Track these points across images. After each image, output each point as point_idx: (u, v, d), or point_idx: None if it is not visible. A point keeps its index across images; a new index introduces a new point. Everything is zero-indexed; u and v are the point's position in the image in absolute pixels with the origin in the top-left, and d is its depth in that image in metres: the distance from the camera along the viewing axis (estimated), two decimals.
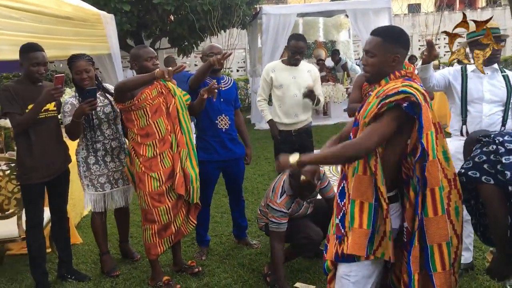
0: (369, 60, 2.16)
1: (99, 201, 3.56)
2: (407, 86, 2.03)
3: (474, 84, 3.10)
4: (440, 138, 2.09)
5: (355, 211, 2.12)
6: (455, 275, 2.15)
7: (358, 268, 2.15)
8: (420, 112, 1.99)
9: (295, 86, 4.12)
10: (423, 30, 13.44)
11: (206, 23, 9.59)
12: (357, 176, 2.13)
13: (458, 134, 3.20)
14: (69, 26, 5.21)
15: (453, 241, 2.11)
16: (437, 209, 2.03)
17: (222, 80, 3.83)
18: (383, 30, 2.19)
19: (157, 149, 3.27)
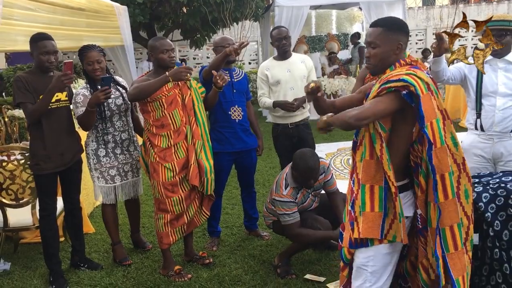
0: (372, 51, 2.18)
1: (110, 193, 3.59)
2: (410, 74, 2.05)
3: (489, 77, 3.06)
4: (448, 124, 2.11)
5: (366, 195, 2.16)
6: (468, 253, 2.18)
7: (375, 258, 2.17)
8: (419, 102, 2.01)
9: (291, 80, 4.04)
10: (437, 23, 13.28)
11: (218, 15, 9.57)
12: (365, 161, 2.18)
13: (473, 128, 3.17)
14: (82, 17, 5.24)
15: (464, 222, 2.14)
16: (448, 193, 2.07)
17: (234, 72, 3.83)
18: (383, 20, 2.22)
19: (171, 140, 3.29)
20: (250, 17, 10.34)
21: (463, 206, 2.14)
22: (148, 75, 3.36)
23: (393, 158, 2.13)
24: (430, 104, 2.03)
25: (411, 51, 15.58)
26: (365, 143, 2.18)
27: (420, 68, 2.15)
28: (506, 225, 2.39)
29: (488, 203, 2.43)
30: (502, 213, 2.41)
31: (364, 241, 2.18)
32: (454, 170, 2.10)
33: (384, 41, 2.14)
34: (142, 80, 3.28)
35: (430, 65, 3.07)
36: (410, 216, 2.21)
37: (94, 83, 3.44)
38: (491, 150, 3.09)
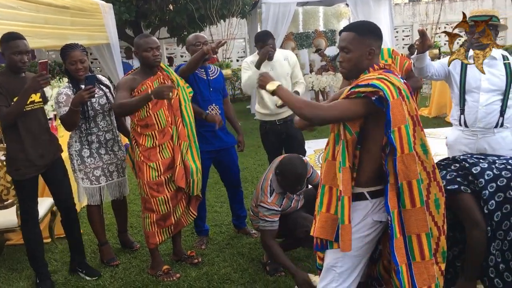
0: (345, 56, 2.17)
1: (95, 194, 3.55)
2: (381, 79, 2.03)
3: (472, 73, 3.08)
4: (418, 130, 2.08)
5: (324, 196, 2.18)
6: (439, 265, 2.17)
7: (344, 259, 2.18)
8: (388, 107, 1.99)
9: (274, 78, 4.00)
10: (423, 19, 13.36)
11: (205, 12, 9.54)
12: (328, 161, 2.19)
13: (457, 124, 3.19)
14: (66, 16, 5.19)
15: (434, 232, 2.13)
16: (415, 201, 2.05)
17: (209, 70, 3.81)
18: (355, 25, 2.21)
19: (156, 140, 3.27)
20: (237, 14, 10.32)
21: (433, 215, 2.12)
22: (134, 74, 3.33)
23: (366, 162, 2.12)
24: (400, 109, 2.01)
25: (398, 47, 15.66)
26: (330, 143, 2.19)
27: (393, 72, 2.14)
28: (500, 207, 2.40)
29: (489, 182, 2.43)
30: (500, 194, 2.41)
31: (324, 243, 2.19)
32: (423, 178, 2.08)
33: (356, 46, 2.13)
34: (126, 81, 3.24)
35: (414, 61, 3.07)
36: (383, 221, 2.18)
37: (77, 82, 3.39)
38: (475, 146, 3.11)
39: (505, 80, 3.02)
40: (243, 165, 6.32)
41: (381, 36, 2.19)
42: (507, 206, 2.41)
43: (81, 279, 3.47)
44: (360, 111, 2.05)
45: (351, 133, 2.10)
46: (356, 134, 2.10)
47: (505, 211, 2.41)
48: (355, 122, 2.09)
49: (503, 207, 2.41)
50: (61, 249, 3.99)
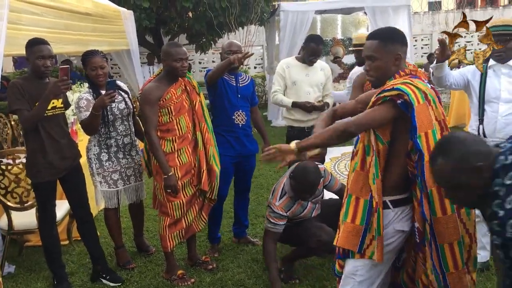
0: (372, 64, 2.16)
1: (112, 198, 3.59)
2: (406, 83, 2.02)
3: (491, 83, 3.06)
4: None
5: (350, 206, 2.15)
6: (470, 274, 2.12)
7: (364, 268, 2.16)
8: (413, 112, 1.98)
9: (307, 84, 4.12)
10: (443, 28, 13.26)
11: (224, 19, 9.58)
12: (356, 172, 2.16)
13: (476, 134, 3.16)
14: (88, 22, 5.28)
15: (465, 240, 2.08)
16: (446, 208, 2.01)
17: (240, 77, 3.84)
18: (379, 33, 2.21)
19: (175, 144, 3.31)
20: (256, 22, 10.36)
21: (464, 223, 2.08)
22: (157, 81, 3.33)
23: (393, 170, 2.10)
24: (427, 114, 2.00)
25: (417, 56, 15.55)
26: (359, 154, 2.17)
27: (419, 77, 2.12)
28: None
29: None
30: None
31: (346, 252, 2.18)
32: None
33: (382, 54, 2.12)
34: (151, 91, 3.24)
35: (433, 70, 3.06)
36: (406, 230, 2.17)
37: (97, 88, 3.46)
38: None
39: None
40: (258, 171, 6.33)
41: (405, 41, 2.18)
42: None
43: (98, 281, 3.50)
44: (387, 115, 2.04)
45: (383, 143, 2.09)
46: (387, 144, 2.09)
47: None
48: (386, 131, 2.08)
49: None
50: (78, 251, 4.05)
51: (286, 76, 4.14)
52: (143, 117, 3.27)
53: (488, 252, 3.38)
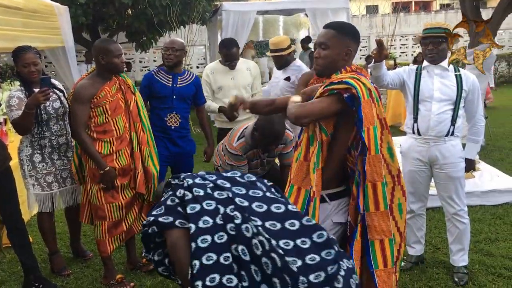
0: (322, 52, 2.18)
1: (46, 201, 3.41)
2: (353, 78, 2.06)
3: (425, 83, 3.18)
4: (386, 134, 2.12)
5: (292, 196, 2.16)
6: (395, 274, 2.16)
7: None
8: (359, 106, 2.01)
9: (233, 87, 4.11)
10: (379, 30, 13.73)
11: (165, 18, 9.42)
12: (299, 162, 2.17)
13: (411, 132, 3.28)
14: (18, 17, 5.00)
15: (396, 239, 2.12)
16: (379, 204, 2.04)
17: (180, 77, 3.75)
18: (337, 24, 2.25)
19: (113, 146, 3.19)
20: (197, 21, 10.26)
21: (396, 220, 2.12)
22: (91, 78, 3.20)
23: (331, 163, 2.13)
24: (370, 110, 2.03)
25: (355, 58, 16.00)
26: (303, 144, 2.18)
27: (364, 75, 2.17)
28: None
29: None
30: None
31: None
32: (388, 181, 2.09)
33: (334, 44, 2.14)
34: (86, 88, 3.12)
35: (371, 70, 3.15)
36: (344, 222, 2.20)
37: (29, 85, 3.28)
38: (427, 153, 3.20)
39: (455, 90, 3.13)
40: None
41: (359, 40, 2.22)
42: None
43: None
44: (333, 108, 2.06)
45: (327, 134, 2.10)
46: (330, 135, 2.11)
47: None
48: (330, 123, 2.10)
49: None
50: (9, 258, 3.83)
51: (211, 82, 4.11)
52: (72, 115, 3.16)
53: (422, 245, 3.51)
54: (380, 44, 2.84)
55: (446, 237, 3.50)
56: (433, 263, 3.52)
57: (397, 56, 15.55)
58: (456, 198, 3.22)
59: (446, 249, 3.57)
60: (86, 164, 3.24)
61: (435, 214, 4.34)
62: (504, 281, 3.22)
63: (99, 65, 3.21)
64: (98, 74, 3.22)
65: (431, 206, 4.12)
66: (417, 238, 3.46)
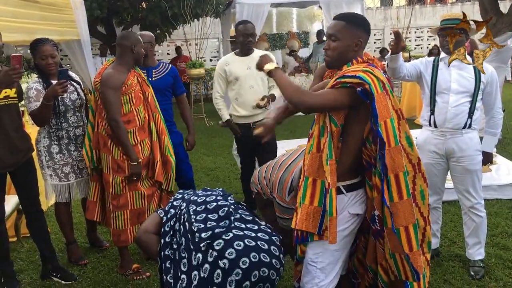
0: (332, 44, 2.17)
1: (63, 192, 3.46)
2: (366, 72, 2.04)
3: (442, 74, 3.15)
4: (403, 124, 2.10)
5: (308, 188, 2.16)
6: (425, 255, 2.19)
7: (324, 254, 2.18)
8: (373, 101, 2.01)
9: (251, 77, 3.95)
10: (394, 23, 13.60)
11: (178, 11, 9.44)
12: (312, 153, 2.16)
13: (427, 125, 3.25)
14: (35, 10, 5.06)
15: (420, 223, 2.15)
16: (402, 193, 2.05)
17: (154, 70, 3.77)
18: (347, 15, 2.22)
19: (137, 137, 3.25)
20: (211, 14, 10.27)
21: (419, 207, 2.14)
22: (116, 68, 3.20)
23: (345, 155, 2.13)
24: (385, 103, 2.03)
25: (369, 50, 15.89)
26: (314, 135, 2.17)
27: (377, 66, 2.15)
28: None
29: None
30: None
31: (304, 236, 2.17)
32: (409, 170, 2.10)
33: (344, 35, 2.13)
34: (119, 77, 3.14)
35: (388, 62, 3.12)
36: (361, 214, 2.22)
37: (47, 77, 3.31)
38: (443, 146, 3.18)
39: (474, 82, 3.09)
40: (215, 164, 6.30)
41: (369, 31, 2.20)
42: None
43: (48, 278, 3.38)
44: (345, 100, 2.05)
45: (336, 125, 2.09)
46: (341, 126, 2.10)
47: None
48: (340, 114, 2.09)
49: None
50: (27, 248, 3.89)
51: (227, 75, 3.98)
52: (106, 103, 3.13)
53: (438, 239, 3.49)
54: (398, 35, 2.81)
55: (462, 230, 3.48)
56: (449, 256, 3.50)
57: (412, 48, 15.41)
58: (473, 191, 3.19)
59: (462, 243, 3.55)
60: (107, 156, 3.24)
61: (450, 208, 4.31)
62: None
63: (128, 54, 3.22)
64: (121, 63, 3.23)
65: (447, 199, 4.09)
66: (432, 232, 3.43)
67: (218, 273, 2.23)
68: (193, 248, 2.34)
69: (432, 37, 15.58)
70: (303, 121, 8.03)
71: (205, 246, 2.29)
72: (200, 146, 7.69)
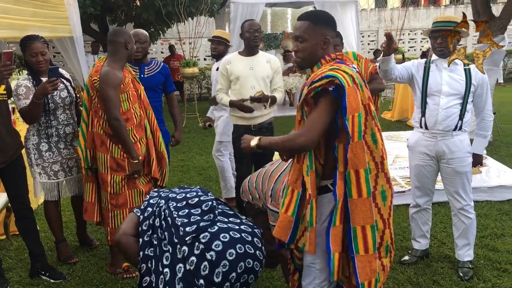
0: (299, 45, 2.14)
1: (52, 190, 3.44)
2: (334, 69, 2.01)
3: (434, 77, 3.16)
4: (370, 120, 2.06)
5: (287, 197, 2.17)
6: (381, 259, 2.16)
7: (321, 256, 2.16)
8: (344, 94, 1.98)
9: (253, 78, 3.80)
10: (388, 25, 13.65)
11: (173, 9, 9.41)
12: (293, 164, 2.17)
13: (418, 126, 3.27)
14: (28, 6, 5.03)
15: (379, 225, 2.11)
16: (362, 191, 2.02)
17: (147, 67, 3.79)
18: (310, 14, 2.18)
19: (136, 135, 3.25)
20: (205, 13, 10.24)
21: (379, 207, 2.10)
22: (112, 65, 3.16)
23: (330, 155, 2.09)
24: (355, 96, 1.99)
25: (363, 52, 15.93)
26: None
27: (345, 62, 2.12)
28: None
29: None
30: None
31: (281, 242, 2.20)
32: (371, 168, 2.06)
33: (310, 35, 2.11)
34: (117, 76, 3.11)
35: (380, 63, 3.13)
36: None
37: (37, 75, 3.29)
38: (434, 148, 3.19)
39: (464, 85, 3.11)
40: (207, 164, 6.28)
41: (335, 26, 2.18)
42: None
43: (37, 277, 3.35)
44: (331, 112, 2.01)
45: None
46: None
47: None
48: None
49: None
50: (16, 246, 3.86)
51: (229, 73, 3.86)
52: (107, 102, 3.08)
53: (428, 240, 3.51)
54: (390, 37, 2.82)
55: (451, 232, 3.50)
56: (438, 257, 3.52)
57: (406, 50, 15.46)
58: (463, 193, 3.21)
59: (452, 244, 3.57)
60: (104, 155, 3.21)
61: (440, 209, 4.33)
62: (509, 276, 3.21)
63: (122, 51, 3.19)
64: (115, 61, 3.19)
65: (437, 200, 4.11)
66: (422, 232, 3.46)
67: (205, 265, 2.28)
68: (177, 242, 2.37)
69: (425, 39, 15.64)
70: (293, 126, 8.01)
71: (191, 239, 2.33)
72: (193, 145, 7.68)
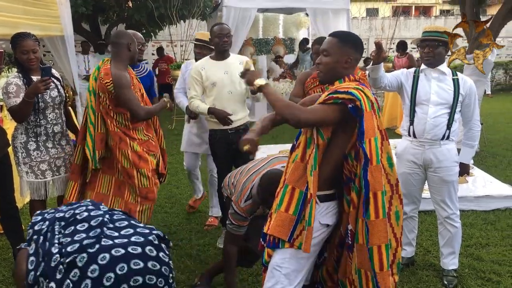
0: (323, 59, 2.24)
1: (40, 189, 3.40)
2: (358, 90, 2.10)
3: (423, 86, 3.20)
4: (386, 145, 2.17)
5: (286, 195, 2.19)
6: (393, 276, 2.23)
7: (291, 260, 2.19)
8: (362, 118, 2.06)
9: (228, 82, 3.70)
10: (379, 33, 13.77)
11: (165, 11, 9.41)
12: (296, 163, 2.21)
13: (407, 135, 3.30)
14: (19, 4, 4.99)
15: (392, 244, 2.19)
16: (379, 212, 2.10)
17: (136, 69, 3.83)
18: (340, 33, 2.31)
19: (148, 133, 3.39)
20: (198, 16, 10.25)
21: (392, 227, 2.19)
22: (117, 66, 3.21)
23: (325, 166, 2.17)
24: (372, 122, 2.09)
25: None
26: (301, 146, 2.22)
27: (367, 86, 2.22)
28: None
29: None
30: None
31: (276, 242, 2.19)
32: (387, 190, 2.16)
33: (335, 51, 2.20)
34: (127, 77, 3.21)
35: (369, 72, 3.16)
36: (331, 225, 2.25)
37: (27, 73, 3.26)
38: (422, 156, 3.22)
39: (453, 94, 3.15)
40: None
41: (361, 50, 2.27)
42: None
43: None
44: (336, 117, 2.10)
45: (323, 139, 2.14)
46: (327, 140, 2.15)
47: None
48: (328, 128, 2.14)
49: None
50: (0, 245, 3.81)
51: (203, 79, 3.72)
52: (126, 102, 3.18)
53: (413, 247, 3.54)
54: (379, 46, 2.86)
55: (437, 240, 3.53)
56: (424, 265, 3.54)
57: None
58: (449, 202, 3.24)
59: (437, 252, 3.60)
60: (125, 151, 3.26)
61: (427, 217, 4.37)
62: (493, 285, 3.25)
63: (125, 52, 3.27)
64: (119, 62, 3.26)
65: (423, 209, 4.15)
66: (408, 240, 3.48)
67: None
68: (52, 274, 2.21)
69: (415, 48, 15.80)
70: (285, 127, 8.03)
71: (66, 265, 2.19)
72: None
